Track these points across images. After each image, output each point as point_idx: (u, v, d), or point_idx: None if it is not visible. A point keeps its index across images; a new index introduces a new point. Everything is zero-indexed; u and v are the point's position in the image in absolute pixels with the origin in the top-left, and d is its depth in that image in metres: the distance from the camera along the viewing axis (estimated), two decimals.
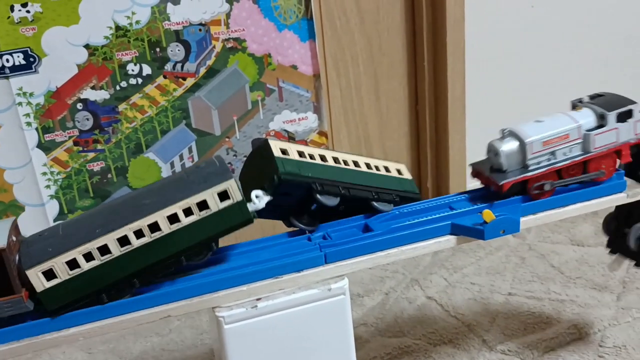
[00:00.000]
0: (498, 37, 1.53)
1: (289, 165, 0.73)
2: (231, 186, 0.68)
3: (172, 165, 1.34)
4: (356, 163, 0.81)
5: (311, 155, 0.77)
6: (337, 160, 0.79)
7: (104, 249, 0.65)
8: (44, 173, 1.25)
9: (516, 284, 1.28)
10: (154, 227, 0.66)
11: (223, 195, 0.68)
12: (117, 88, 1.26)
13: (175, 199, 0.67)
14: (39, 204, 1.27)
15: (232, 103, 1.35)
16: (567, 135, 0.80)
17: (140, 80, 1.27)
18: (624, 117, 0.81)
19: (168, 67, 1.28)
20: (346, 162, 0.80)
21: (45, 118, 1.23)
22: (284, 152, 0.74)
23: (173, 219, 0.67)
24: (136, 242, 0.66)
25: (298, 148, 0.76)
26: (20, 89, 1.19)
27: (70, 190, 1.28)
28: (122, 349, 1.19)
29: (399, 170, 0.86)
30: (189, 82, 1.31)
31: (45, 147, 1.24)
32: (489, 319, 1.17)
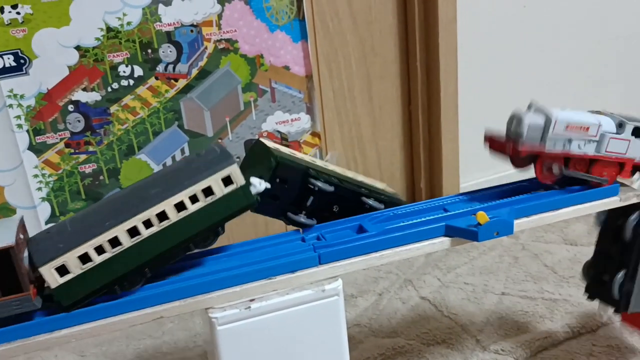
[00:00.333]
0: (490, 37, 1.53)
1: (284, 155, 0.77)
2: (234, 171, 0.69)
3: (164, 167, 1.34)
4: (342, 172, 0.84)
5: (301, 158, 0.80)
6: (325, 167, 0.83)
7: (115, 241, 0.66)
8: (36, 175, 1.25)
9: (509, 283, 1.28)
10: (162, 216, 0.67)
11: (227, 181, 0.69)
12: (109, 90, 1.25)
13: (181, 187, 0.68)
14: (30, 207, 1.26)
15: (224, 104, 1.35)
16: (588, 128, 0.80)
17: (131, 82, 1.26)
18: (639, 133, 0.82)
19: (160, 68, 1.28)
20: (334, 170, 0.83)
21: (36, 120, 1.22)
22: (276, 149, 0.77)
23: (180, 207, 0.68)
24: (146, 232, 0.67)
25: (289, 150, 0.80)
26: (11, 91, 1.19)
27: (62, 193, 1.27)
28: (115, 351, 1.18)
29: (384, 187, 0.89)
30: (181, 83, 1.30)
31: (36, 149, 1.23)
32: (483, 318, 1.17)
